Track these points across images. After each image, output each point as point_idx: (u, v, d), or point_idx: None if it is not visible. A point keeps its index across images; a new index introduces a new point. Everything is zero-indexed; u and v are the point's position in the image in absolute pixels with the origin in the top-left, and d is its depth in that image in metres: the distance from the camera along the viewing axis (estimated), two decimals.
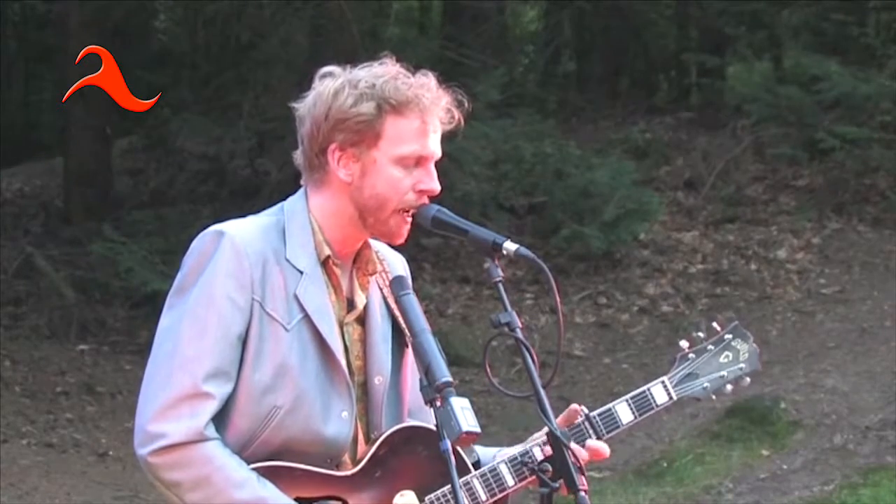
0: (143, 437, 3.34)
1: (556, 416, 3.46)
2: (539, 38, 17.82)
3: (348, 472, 3.42)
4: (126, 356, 11.25)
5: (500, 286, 3.37)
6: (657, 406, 3.64)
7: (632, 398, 3.62)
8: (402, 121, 3.38)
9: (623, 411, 3.60)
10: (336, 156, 3.41)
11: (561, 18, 16.76)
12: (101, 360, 11.31)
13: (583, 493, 3.24)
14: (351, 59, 3.54)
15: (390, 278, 3.54)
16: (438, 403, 3.18)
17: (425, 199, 3.44)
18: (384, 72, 3.41)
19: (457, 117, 3.48)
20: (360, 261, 3.52)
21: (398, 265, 3.62)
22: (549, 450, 3.42)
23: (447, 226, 3.45)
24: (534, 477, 3.45)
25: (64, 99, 12.62)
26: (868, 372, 10.16)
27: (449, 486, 3.37)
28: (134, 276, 11.29)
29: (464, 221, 3.44)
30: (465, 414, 3.15)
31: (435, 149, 3.45)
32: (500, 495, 3.47)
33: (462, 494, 3.20)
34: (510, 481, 3.47)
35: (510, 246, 3.36)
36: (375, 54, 3.52)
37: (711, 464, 9.09)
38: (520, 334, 3.33)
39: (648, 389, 3.64)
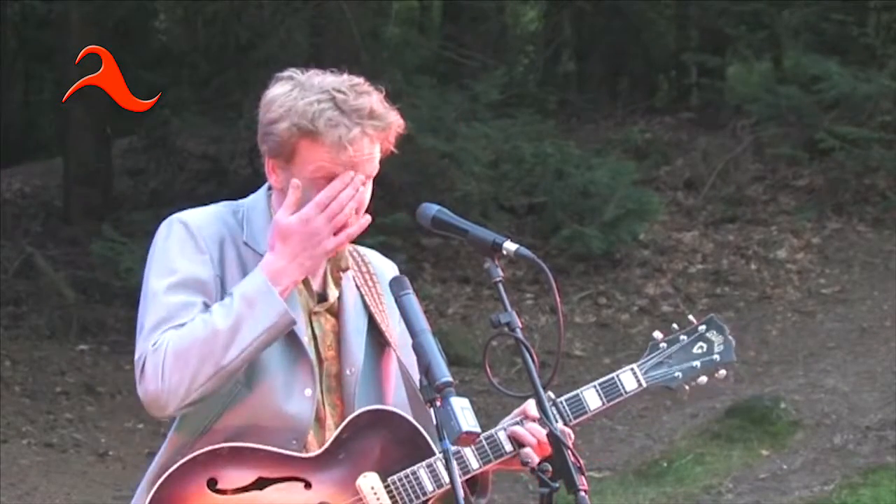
0: (141, 395, 3.37)
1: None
2: (539, 38, 17.81)
3: (312, 454, 3.44)
4: (126, 356, 11.23)
5: (500, 286, 3.37)
6: (626, 392, 3.65)
7: (600, 384, 3.64)
8: (315, 145, 3.37)
9: (591, 397, 3.62)
10: (269, 163, 3.46)
11: (561, 18, 16.76)
12: (101, 360, 11.31)
13: (583, 493, 3.25)
14: (351, 59, 3.55)
15: (375, 280, 3.59)
16: (438, 403, 3.19)
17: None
18: (315, 90, 3.39)
19: (387, 143, 3.44)
20: (332, 256, 3.53)
21: (388, 274, 3.61)
22: (516, 430, 3.49)
23: (447, 226, 3.46)
24: (500, 461, 3.50)
25: (64, 99, 12.60)
26: (868, 372, 10.17)
27: (411, 468, 3.44)
28: (134, 276, 11.27)
29: (464, 221, 3.45)
30: (465, 414, 3.16)
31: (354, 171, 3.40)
32: (462, 478, 3.47)
33: (461, 494, 3.20)
34: (474, 464, 3.50)
35: (510, 246, 3.36)
36: (376, 54, 3.52)
37: (711, 464, 9.09)
38: (520, 334, 3.34)
39: (617, 376, 3.66)
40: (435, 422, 3.20)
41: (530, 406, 3.53)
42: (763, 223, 12.97)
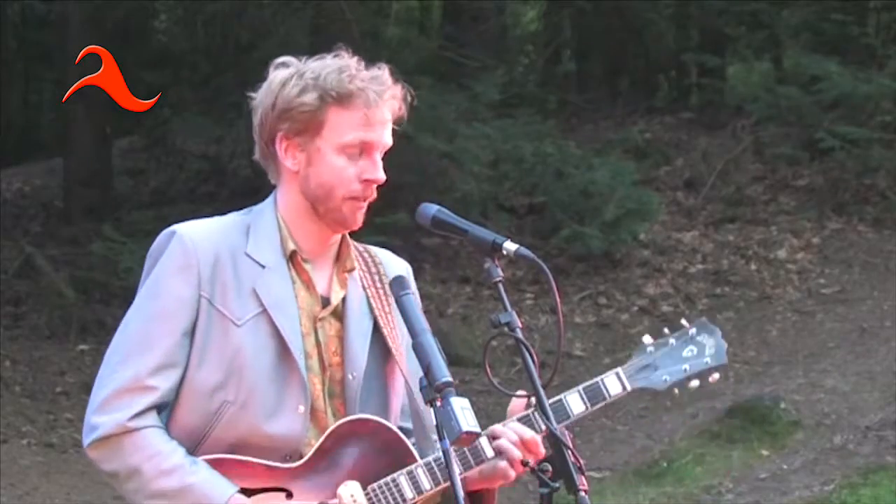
0: (85, 429, 3.43)
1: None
2: (539, 38, 17.82)
3: (294, 464, 3.42)
4: None
5: (500, 286, 3.37)
6: (610, 396, 3.59)
7: (584, 388, 3.58)
8: (345, 112, 3.40)
9: (574, 401, 3.57)
10: (283, 145, 3.46)
11: (561, 18, 16.77)
12: (101, 360, 11.30)
13: (583, 493, 3.24)
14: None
15: (384, 282, 3.55)
16: (438, 403, 3.18)
17: (372, 189, 3.45)
18: (334, 64, 3.44)
19: (402, 111, 3.47)
20: (339, 258, 3.53)
21: (400, 272, 3.59)
22: (498, 442, 3.43)
23: (447, 226, 3.46)
24: (479, 466, 3.45)
25: (64, 99, 12.62)
26: (868, 372, 10.17)
27: (391, 476, 3.43)
28: (134, 276, 11.23)
29: (464, 221, 3.45)
30: (465, 414, 3.15)
31: (379, 139, 3.44)
32: (444, 485, 3.44)
33: (461, 494, 3.20)
34: (455, 470, 3.45)
35: (510, 246, 3.36)
36: (375, 54, 3.54)
37: (711, 464, 9.09)
38: (520, 334, 3.34)
39: (601, 380, 3.60)
40: (435, 422, 3.18)
41: (514, 405, 3.50)
42: (763, 223, 12.97)
